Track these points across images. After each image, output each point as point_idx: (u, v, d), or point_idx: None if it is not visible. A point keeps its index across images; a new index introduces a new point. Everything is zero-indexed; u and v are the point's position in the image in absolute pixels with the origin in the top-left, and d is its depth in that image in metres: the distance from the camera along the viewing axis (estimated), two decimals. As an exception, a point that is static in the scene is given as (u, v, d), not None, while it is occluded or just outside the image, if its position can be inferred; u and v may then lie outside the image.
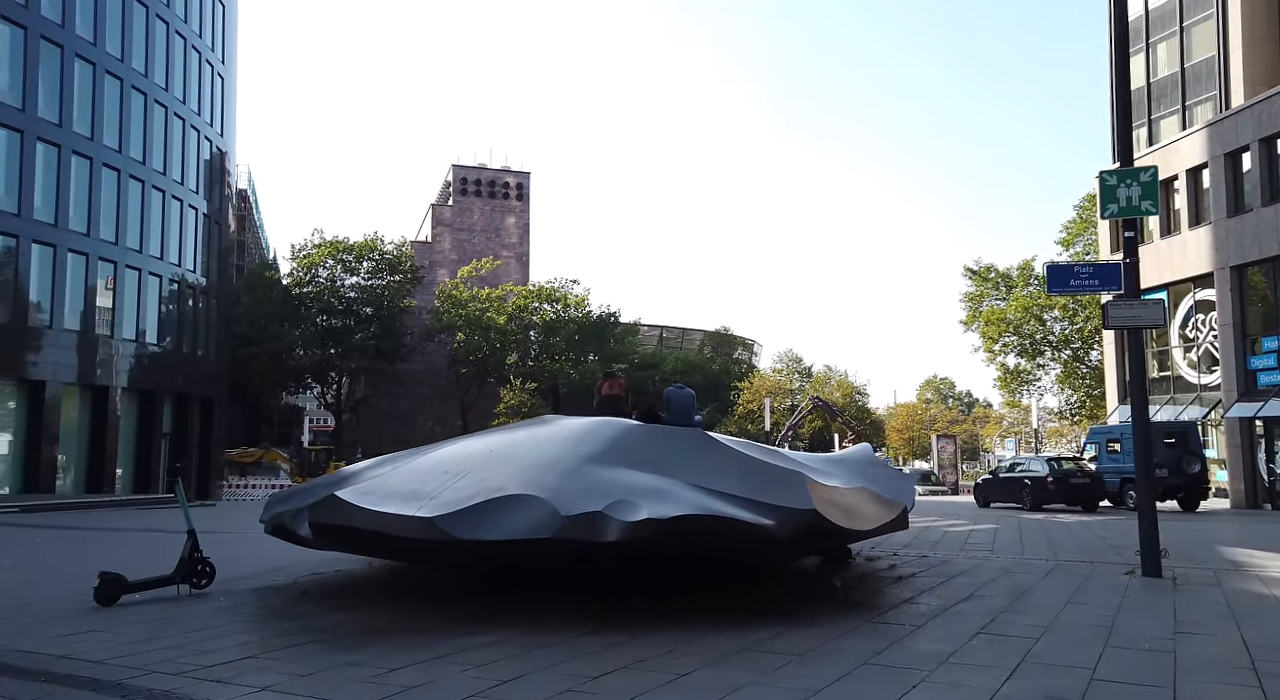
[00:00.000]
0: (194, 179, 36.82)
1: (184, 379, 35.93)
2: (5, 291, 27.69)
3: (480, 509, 5.34)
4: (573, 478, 5.76)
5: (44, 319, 28.98)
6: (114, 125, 31.67)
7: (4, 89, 27.38)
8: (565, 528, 5.21)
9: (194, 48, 36.63)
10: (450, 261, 62.05)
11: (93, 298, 30.86)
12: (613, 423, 7.35)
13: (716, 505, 5.53)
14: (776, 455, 7.48)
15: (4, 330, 27.38)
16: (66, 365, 29.72)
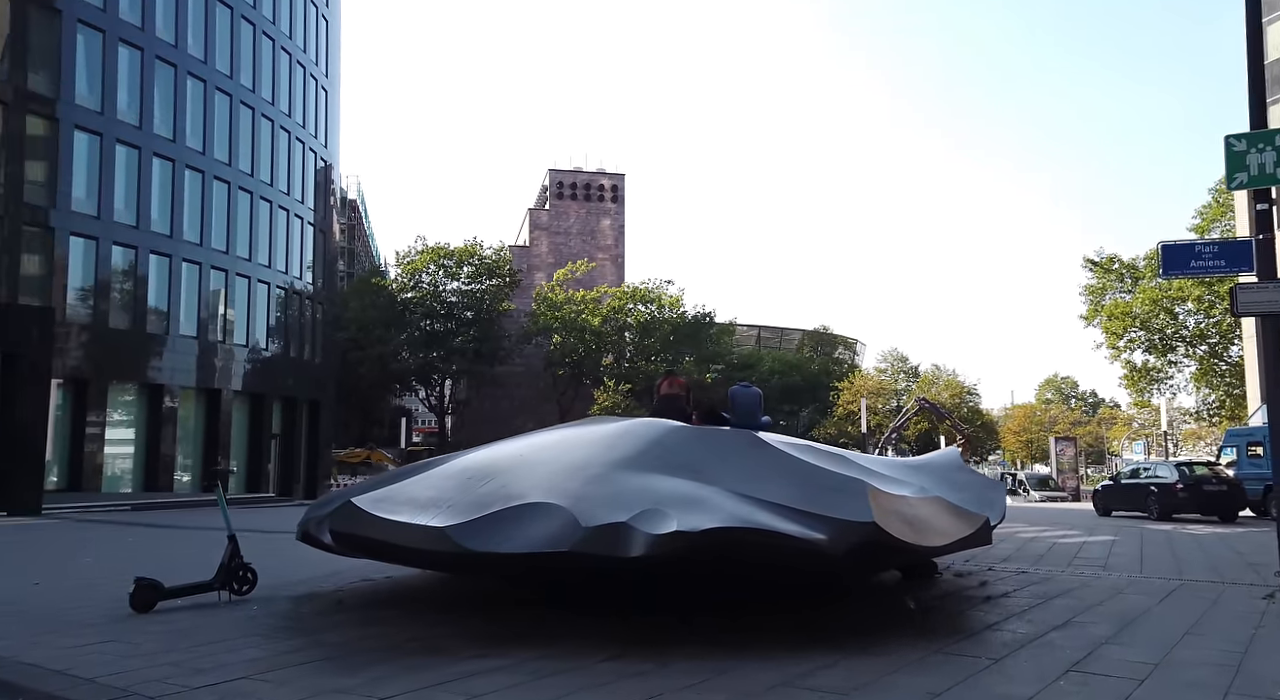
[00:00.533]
0: (300, 190, 38.25)
1: (292, 382, 37.30)
2: (126, 300, 29.30)
3: (495, 519, 4.91)
4: (599, 484, 5.26)
5: (162, 326, 30.55)
6: (224, 139, 33.13)
7: (123, 108, 29.00)
8: (585, 540, 4.72)
9: (299, 63, 38.03)
10: (547, 265, 62.69)
11: (207, 305, 32.38)
12: (650, 424, 6.81)
13: (758, 516, 4.92)
14: (840, 460, 6.76)
15: (126, 336, 28.97)
16: (183, 370, 31.25)
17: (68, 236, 27.39)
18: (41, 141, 26.70)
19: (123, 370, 29.02)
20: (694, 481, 5.37)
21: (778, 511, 5.08)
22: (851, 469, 6.37)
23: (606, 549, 4.71)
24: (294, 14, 37.91)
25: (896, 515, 5.34)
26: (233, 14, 33.58)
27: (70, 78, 27.44)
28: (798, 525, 4.95)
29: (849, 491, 5.36)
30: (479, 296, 52.56)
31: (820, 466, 5.94)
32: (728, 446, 6.18)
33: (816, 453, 6.82)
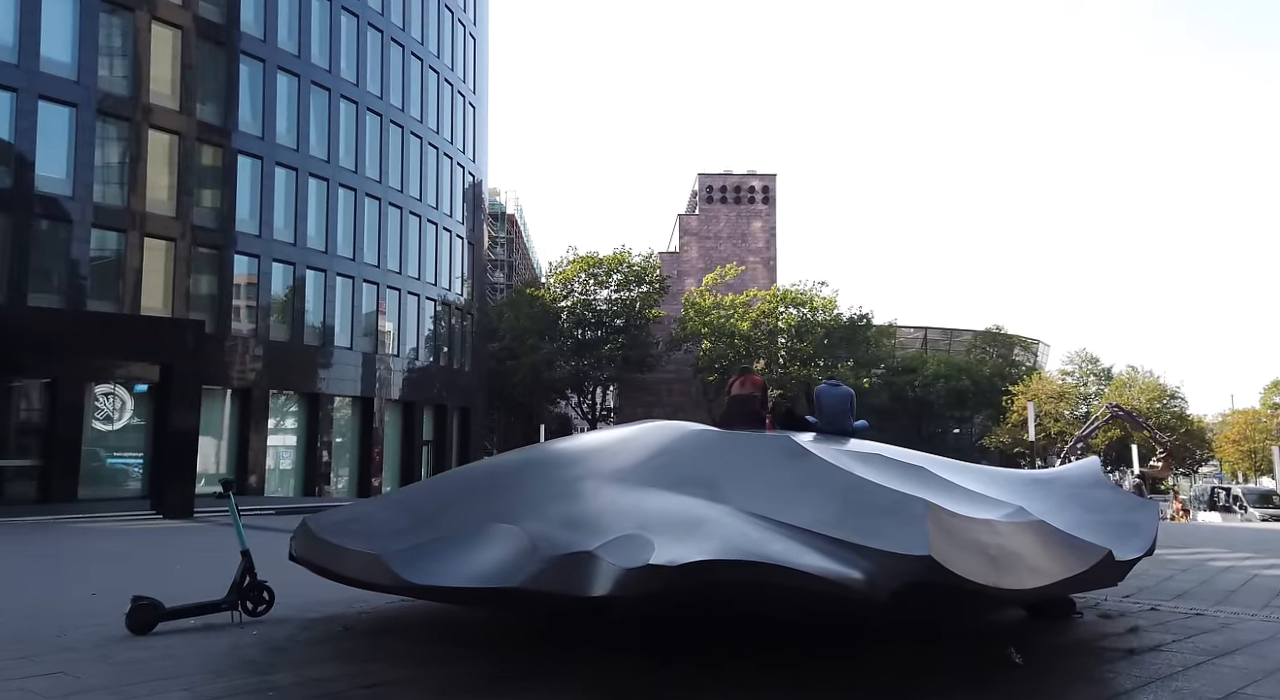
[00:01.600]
0: (450, 204, 39.52)
1: (444, 390, 38.49)
2: (286, 314, 31.04)
3: (439, 546, 4.06)
4: (575, 501, 4.31)
5: (319, 338, 32.17)
6: (375, 158, 34.63)
7: (282, 132, 30.76)
8: (539, 575, 3.78)
9: (446, 81, 39.29)
10: (698, 270, 62.01)
11: (361, 317, 33.89)
12: (662, 428, 5.76)
13: (770, 547, 3.81)
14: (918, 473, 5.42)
15: (286, 348, 30.66)
16: (340, 379, 32.79)
17: (233, 255, 29.29)
18: (212, 168, 28.68)
19: (284, 380, 30.71)
20: (702, 499, 4.32)
21: (803, 539, 3.96)
22: (929, 484, 5.07)
23: (562, 586, 3.75)
24: (441, 33, 39.21)
25: (970, 546, 4.07)
26: (383, 37, 35.05)
27: (235, 107, 29.37)
28: (825, 559, 3.81)
29: (903, 514, 4.15)
30: (628, 304, 52.63)
31: (875, 482, 4.70)
32: (756, 455, 5.07)
33: (886, 464, 5.53)
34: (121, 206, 25.75)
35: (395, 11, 35.92)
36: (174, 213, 27.11)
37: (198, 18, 28.19)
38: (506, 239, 60.90)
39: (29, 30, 23.89)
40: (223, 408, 28.71)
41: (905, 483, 4.94)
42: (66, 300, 24.32)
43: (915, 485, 4.91)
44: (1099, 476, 6.47)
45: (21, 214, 23.56)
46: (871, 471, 5.04)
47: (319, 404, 31.87)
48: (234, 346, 28.77)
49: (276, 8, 30.50)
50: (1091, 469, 6.70)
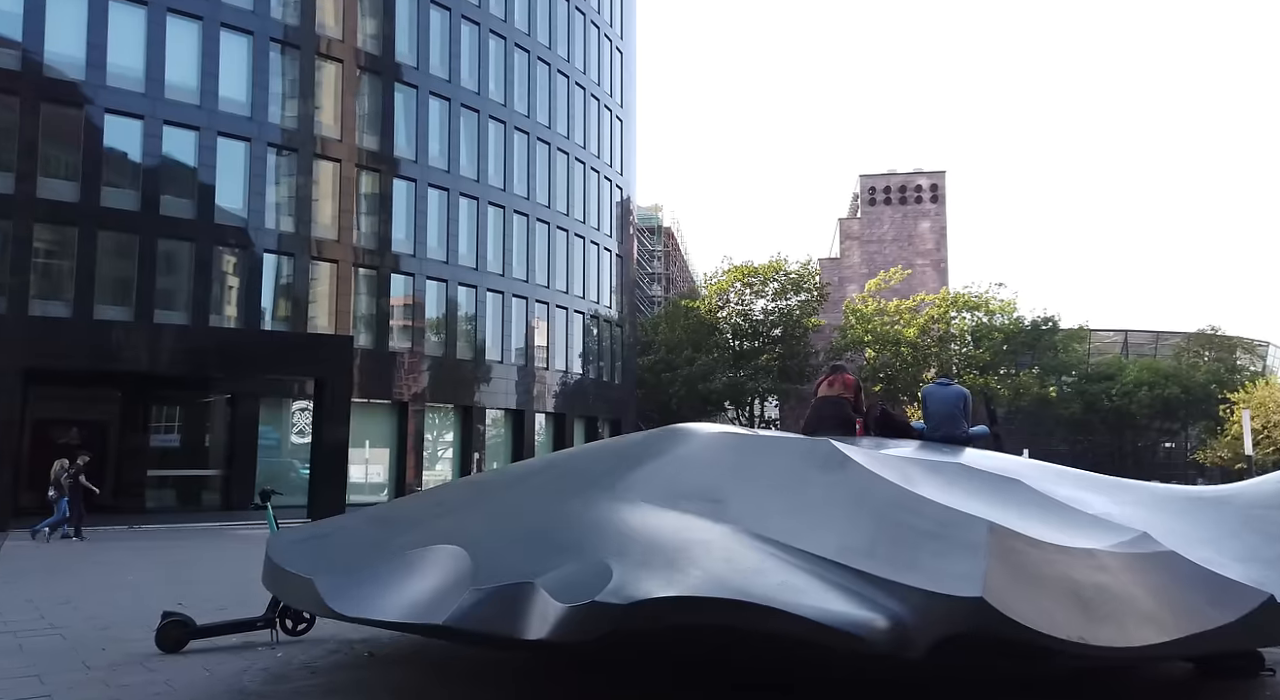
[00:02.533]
0: (597, 218, 39.86)
1: (595, 402, 38.76)
2: (440, 329, 32.16)
3: (377, 572, 3.47)
4: (547, 518, 3.60)
5: (472, 352, 33.07)
6: (523, 176, 35.40)
7: (434, 155, 31.92)
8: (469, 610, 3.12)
9: (593, 96, 39.67)
10: (860, 276, 59.51)
11: (513, 332, 34.66)
12: (677, 431, 4.89)
13: (759, 582, 2.97)
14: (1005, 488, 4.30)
15: (442, 363, 31.76)
16: (493, 392, 33.60)
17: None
18: (371, 192, 30.18)
19: (441, 393, 31.74)
20: (700, 517, 3.51)
21: (814, 572, 3.11)
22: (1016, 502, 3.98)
23: (488, 623, 3.08)
24: (587, 49, 39.66)
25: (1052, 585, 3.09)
26: (529, 57, 35.83)
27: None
28: (839, 600, 2.94)
29: (954, 539, 3.20)
30: (785, 313, 51.10)
31: (928, 499, 3.70)
32: (781, 464, 4.17)
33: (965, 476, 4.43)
34: (291, 232, 27.50)
35: (541, 31, 36.65)
36: (337, 236, 28.70)
37: (358, 50, 29.83)
38: (664, 252, 60.93)
39: (209, 73, 26.01)
40: (383, 420, 30.03)
41: (982, 500, 3.89)
42: (244, 321, 26.18)
43: (995, 503, 3.86)
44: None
45: (205, 242, 25.61)
46: (936, 485, 4.01)
47: (474, 416, 32.76)
48: (392, 362, 30.01)
49: (429, 37, 31.80)
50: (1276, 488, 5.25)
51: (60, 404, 24.29)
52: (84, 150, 24.05)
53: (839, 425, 7.27)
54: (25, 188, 23.05)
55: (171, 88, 25.24)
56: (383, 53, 30.36)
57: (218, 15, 26.23)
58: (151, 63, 24.99)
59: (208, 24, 26.06)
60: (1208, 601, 3.32)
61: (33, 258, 23.21)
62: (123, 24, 24.64)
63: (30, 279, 23.06)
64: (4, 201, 22.72)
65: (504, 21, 34.65)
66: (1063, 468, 5.89)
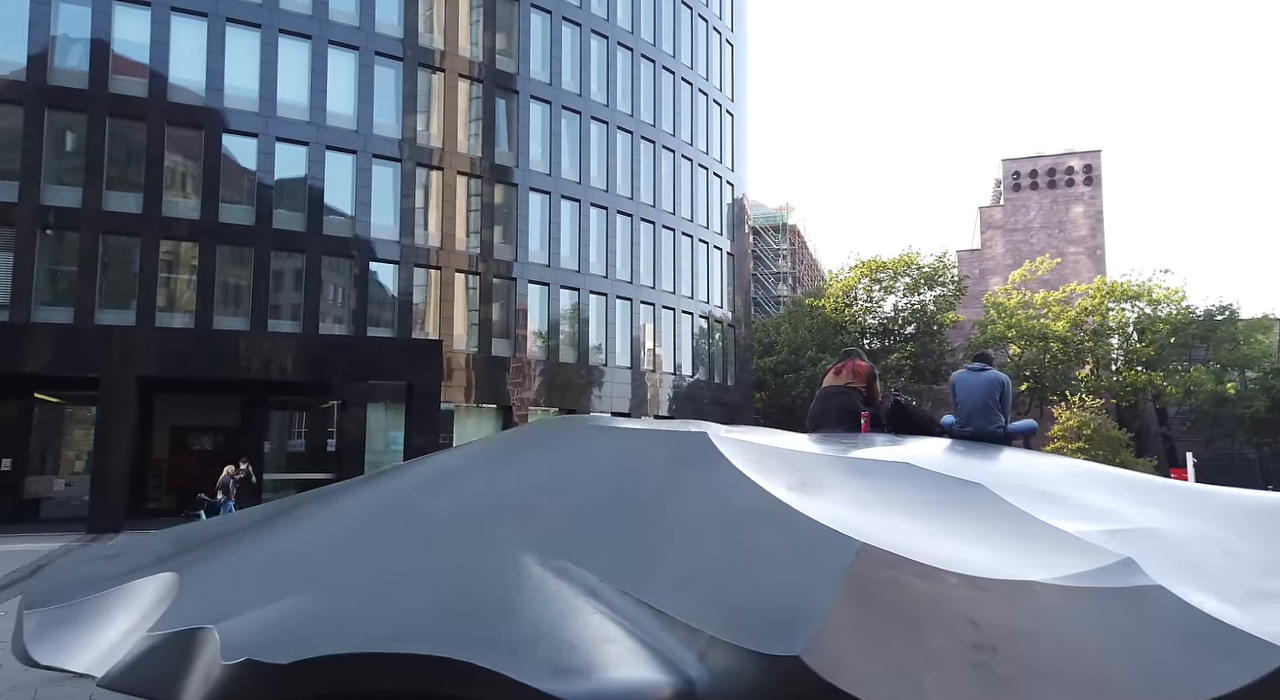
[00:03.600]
0: (708, 218, 38.98)
1: (710, 406, 37.72)
2: (572, 337, 32.16)
3: (75, 612, 2.76)
4: (301, 541, 2.85)
5: (601, 358, 32.97)
6: (649, 183, 35.44)
7: (565, 167, 32.18)
8: (127, 664, 2.38)
9: (701, 91, 38.73)
10: (1004, 267, 55.50)
11: (637, 337, 34.28)
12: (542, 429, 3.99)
13: (482, 638, 2.08)
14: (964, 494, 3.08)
15: (572, 370, 31.74)
16: (618, 398, 33.33)
17: (526, 285, 30.84)
18: (504, 205, 30.60)
19: (569, 400, 31.74)
20: (483, 544, 2.62)
21: (598, 617, 2.17)
22: (966, 515, 2.82)
23: (135, 682, 2.29)
24: (695, 43, 38.70)
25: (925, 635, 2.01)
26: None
27: (525, 147, 31.10)
28: (614, 662, 2.00)
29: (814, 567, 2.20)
30: (918, 309, 48.17)
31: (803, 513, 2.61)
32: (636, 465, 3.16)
33: (908, 480, 3.24)
34: (397, 240, 28.10)
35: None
36: (441, 243, 29.17)
37: (495, 71, 30.45)
38: (790, 251, 58.94)
39: (317, 89, 27.01)
40: (491, 425, 30.20)
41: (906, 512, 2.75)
42: (352, 328, 26.89)
43: (923, 516, 2.72)
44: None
45: (315, 252, 26.48)
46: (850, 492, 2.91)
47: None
48: (522, 369, 30.30)
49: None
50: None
51: (185, 411, 25.69)
52: (204, 169, 25.33)
53: (843, 419, 6.19)
54: (152, 208, 24.46)
55: (283, 106, 26.25)
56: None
57: (325, 33, 27.11)
58: (264, 82, 26.07)
59: (316, 42, 26.97)
60: (1197, 660, 2.07)
61: (158, 272, 24.59)
62: (238, 47, 25.82)
63: (156, 292, 24.44)
64: (133, 220, 24.18)
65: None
66: (1101, 469, 4.52)
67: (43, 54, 23.74)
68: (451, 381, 28.22)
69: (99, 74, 24.19)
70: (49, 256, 23.87)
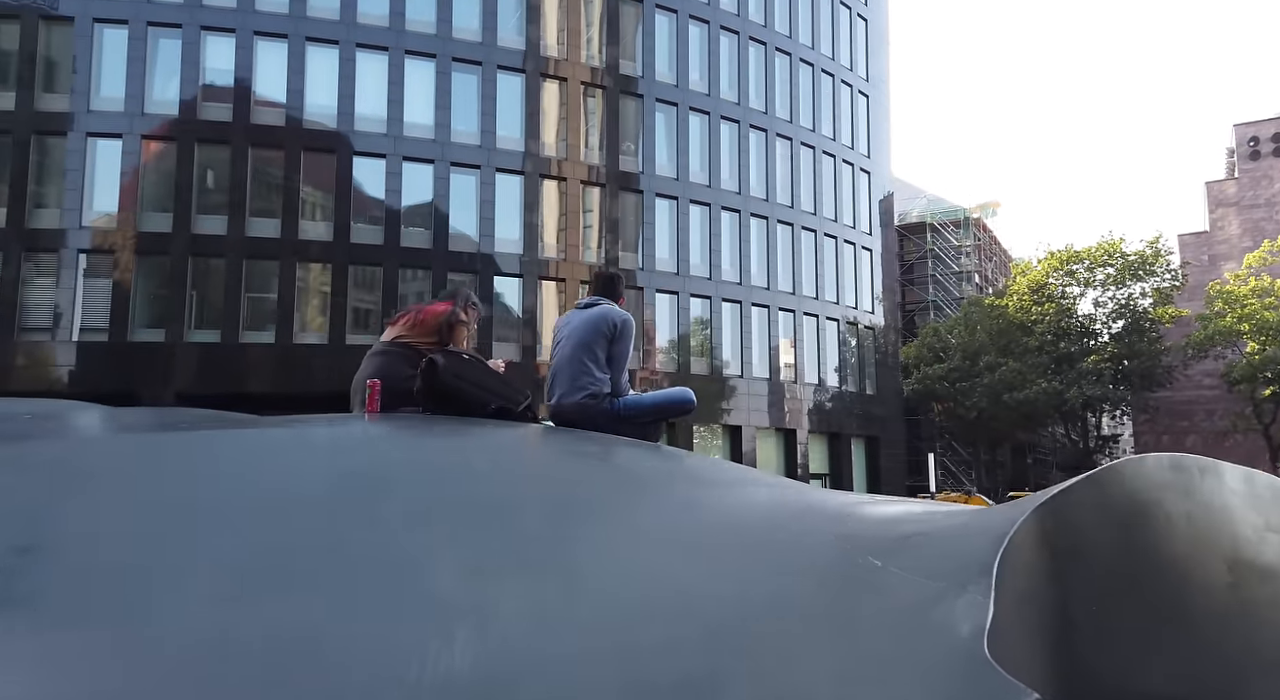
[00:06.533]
0: (853, 217, 36.19)
1: (856, 419, 35.04)
2: (704, 347, 30.80)
3: None
4: None
5: (737, 369, 31.35)
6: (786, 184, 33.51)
7: (695, 170, 31.01)
8: None
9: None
10: (1240, 250, 47.58)
11: (776, 346, 32.33)
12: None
13: None
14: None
15: (705, 381, 30.35)
16: (758, 410, 31.52)
17: (654, 294, 29.91)
18: (629, 213, 29.87)
19: (704, 414, 30.40)
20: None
21: None
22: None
23: None
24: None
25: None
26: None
27: (650, 152, 30.23)
28: None
29: None
30: (1124, 304, 42.13)
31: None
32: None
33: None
34: (519, 253, 27.95)
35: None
36: (563, 254, 28.71)
37: (619, 76, 29.87)
38: (974, 246, 53.67)
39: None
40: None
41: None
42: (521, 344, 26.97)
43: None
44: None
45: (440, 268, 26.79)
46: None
47: (740, 436, 30.93)
48: (656, 382, 29.34)
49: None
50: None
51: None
52: (336, 192, 26.27)
53: (393, 396, 4.09)
54: (289, 232, 25.64)
55: (409, 126, 26.77)
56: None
57: (448, 51, 27.43)
58: (391, 104, 26.69)
59: (440, 61, 27.33)
60: None
61: (294, 293, 25.72)
62: (367, 71, 26.62)
63: (293, 312, 25.56)
64: (271, 245, 25.45)
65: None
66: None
67: (193, 92, 25.53)
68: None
69: (241, 108, 25.70)
70: (199, 282, 25.54)
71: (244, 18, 25.84)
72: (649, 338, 29.61)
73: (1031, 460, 54.40)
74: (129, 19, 25.36)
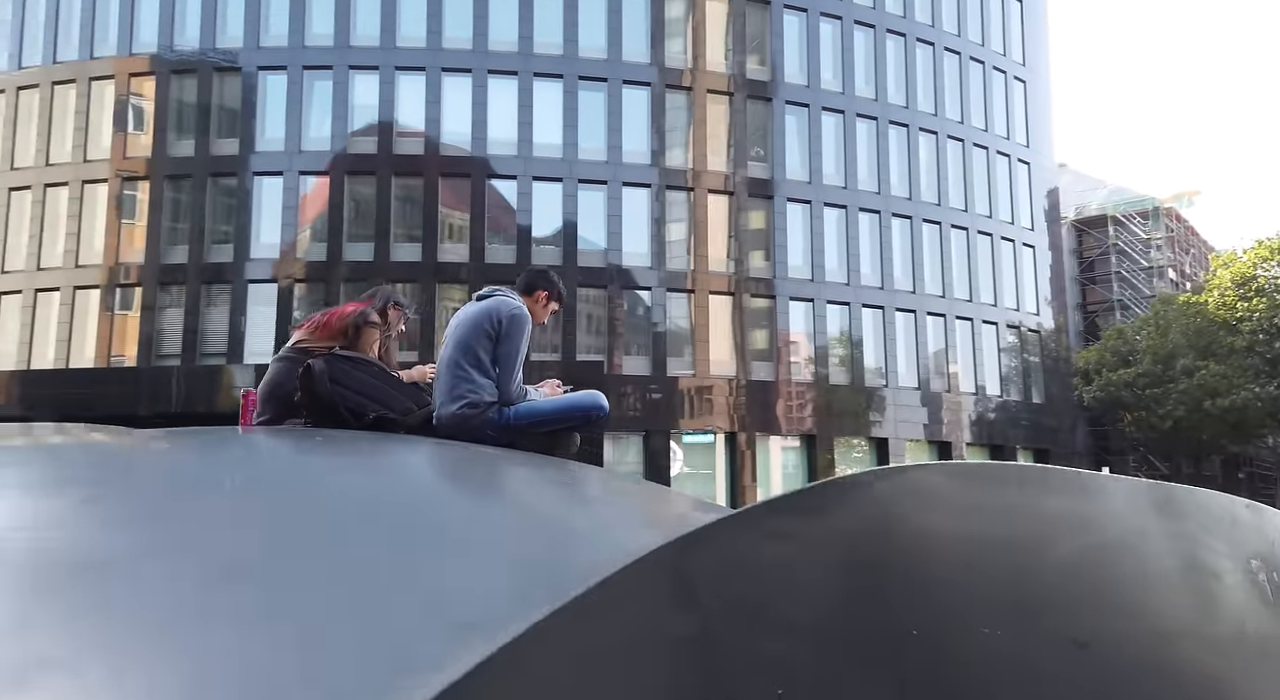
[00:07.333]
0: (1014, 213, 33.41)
1: (1024, 429, 32.25)
2: (844, 356, 29.49)
3: None
4: None
5: (881, 379, 29.78)
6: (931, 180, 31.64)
7: (829, 172, 29.89)
8: None
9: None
10: None
11: (926, 354, 30.45)
12: None
13: None
14: None
15: (846, 392, 29.07)
16: (907, 422, 29.80)
17: (788, 302, 29.02)
18: (762, 219, 29.19)
19: (846, 426, 29.09)
20: None
21: None
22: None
23: None
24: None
25: None
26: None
27: (780, 157, 29.47)
28: None
29: None
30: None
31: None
32: None
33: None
34: (687, 269, 27.81)
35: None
36: (730, 270, 28.24)
37: (746, 81, 29.32)
38: (1166, 238, 48.21)
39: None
40: (783, 455, 28.48)
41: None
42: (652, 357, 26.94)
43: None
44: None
45: (615, 287, 27.10)
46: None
47: (888, 449, 29.27)
48: (792, 394, 28.42)
49: (819, 51, 29.97)
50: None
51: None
52: (471, 214, 27.21)
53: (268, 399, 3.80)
54: (429, 255, 26.80)
55: (539, 146, 27.36)
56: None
57: (575, 70, 27.85)
58: (521, 125, 27.39)
59: (567, 80, 27.79)
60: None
61: (435, 314, 26.79)
62: (498, 95, 27.48)
63: (435, 332, 26.61)
64: (413, 268, 26.68)
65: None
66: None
67: (342, 128, 27.28)
68: (711, 411, 27.18)
69: (384, 140, 27.20)
70: (350, 305, 27.16)
71: (386, 55, 27.38)
72: (783, 348, 28.60)
73: (1244, 474, 48.17)
74: (287, 64, 27.51)
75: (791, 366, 28.70)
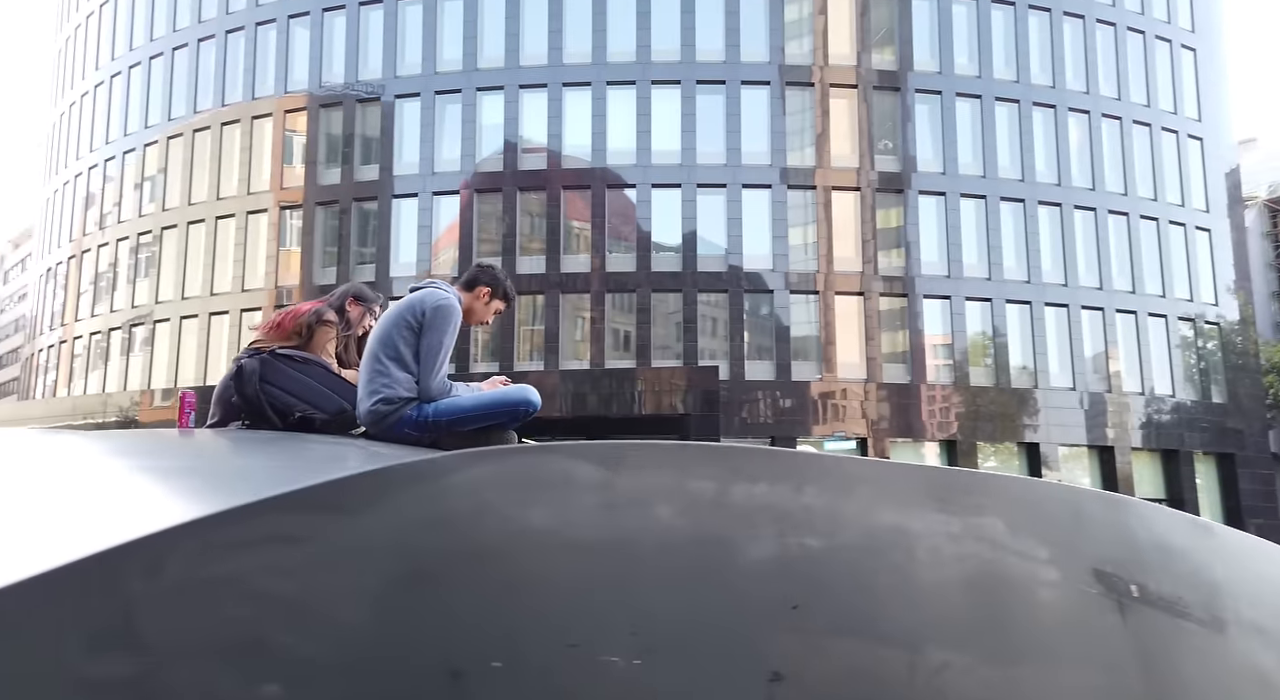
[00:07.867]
0: (1184, 194, 30.10)
1: (1202, 433, 28.85)
2: (985, 356, 27.68)
3: None
4: None
5: (1029, 379, 27.72)
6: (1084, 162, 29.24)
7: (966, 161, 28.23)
8: None
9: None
10: None
11: (1081, 351, 28.06)
12: None
13: None
14: None
15: (988, 394, 27.25)
16: (1061, 426, 27.55)
17: (922, 301, 27.57)
18: (892, 215, 27.94)
19: (993, 430, 27.22)
20: None
21: None
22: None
23: None
24: None
25: None
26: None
27: (912, 148, 28.17)
28: None
29: None
30: None
31: None
32: None
33: None
34: (813, 270, 27.05)
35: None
36: (860, 268, 27.21)
37: (873, 71, 28.24)
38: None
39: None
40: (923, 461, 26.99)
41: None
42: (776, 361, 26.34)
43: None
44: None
45: (735, 291, 26.74)
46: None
47: (1040, 455, 27.13)
48: (932, 396, 26.91)
49: (952, 34, 28.43)
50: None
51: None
52: (592, 224, 27.54)
53: (216, 403, 3.71)
54: (553, 267, 27.34)
55: (657, 153, 27.37)
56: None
57: (693, 75, 27.69)
58: (640, 134, 27.49)
59: (685, 86, 27.68)
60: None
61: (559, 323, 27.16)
62: (617, 106, 27.72)
63: (559, 341, 27.03)
64: (539, 280, 27.25)
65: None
66: None
67: (471, 148, 28.34)
68: (842, 416, 26.13)
69: (510, 157, 28.03)
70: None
71: (511, 74, 28.26)
72: (919, 349, 27.09)
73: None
74: (420, 91, 28.92)
75: (929, 368, 27.14)
